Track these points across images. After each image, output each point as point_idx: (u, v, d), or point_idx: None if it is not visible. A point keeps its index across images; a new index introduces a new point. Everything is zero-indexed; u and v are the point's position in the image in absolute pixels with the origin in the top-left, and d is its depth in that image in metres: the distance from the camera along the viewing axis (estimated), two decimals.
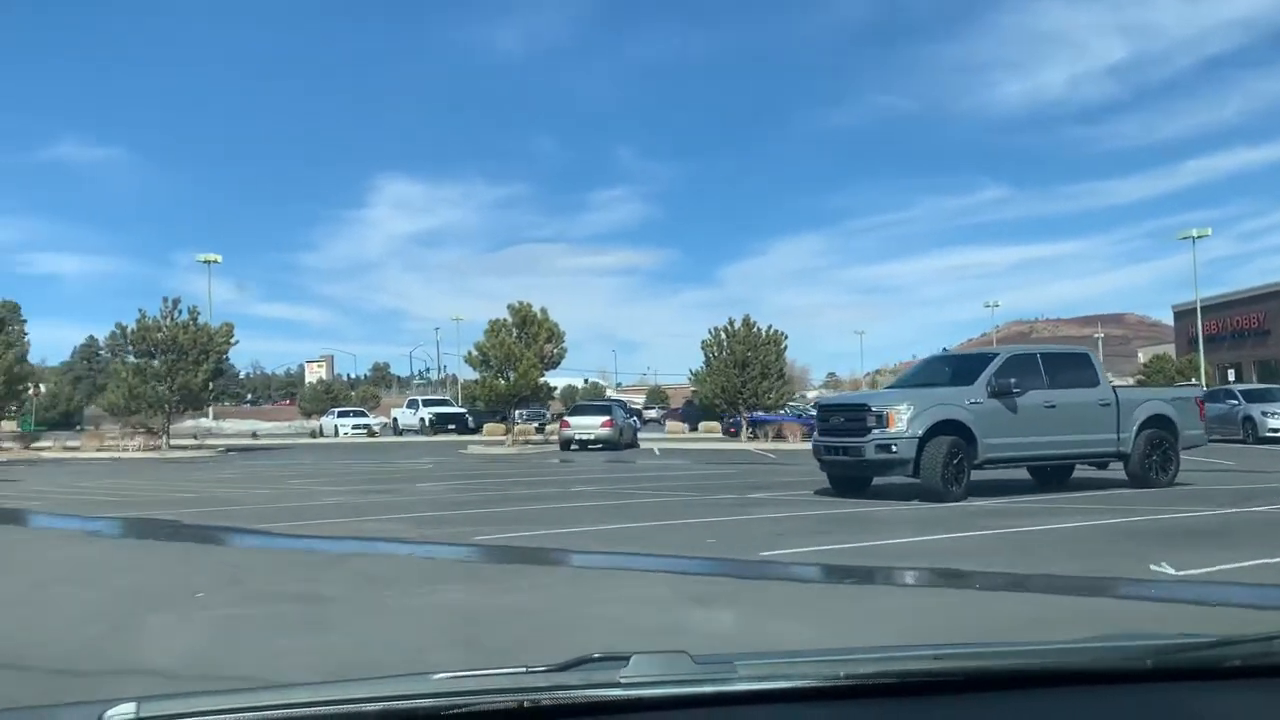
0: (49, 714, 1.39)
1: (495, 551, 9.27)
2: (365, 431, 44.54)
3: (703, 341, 35.09)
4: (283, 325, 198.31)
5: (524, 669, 1.35)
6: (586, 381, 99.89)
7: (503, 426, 45.36)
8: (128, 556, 9.30)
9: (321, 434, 45.53)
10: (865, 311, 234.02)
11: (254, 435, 46.12)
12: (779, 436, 33.25)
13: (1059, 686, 1.45)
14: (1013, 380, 13.40)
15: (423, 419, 45.30)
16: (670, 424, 46.89)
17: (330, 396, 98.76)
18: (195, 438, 40.87)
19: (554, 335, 33.04)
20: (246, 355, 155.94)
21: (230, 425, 73.51)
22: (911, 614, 6.32)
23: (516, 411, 47.14)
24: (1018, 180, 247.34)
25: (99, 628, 5.84)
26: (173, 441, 33.78)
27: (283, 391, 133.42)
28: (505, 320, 32.84)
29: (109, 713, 1.19)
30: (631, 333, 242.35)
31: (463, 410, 47.58)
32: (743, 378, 33.44)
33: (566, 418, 31.37)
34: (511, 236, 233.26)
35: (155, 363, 32.07)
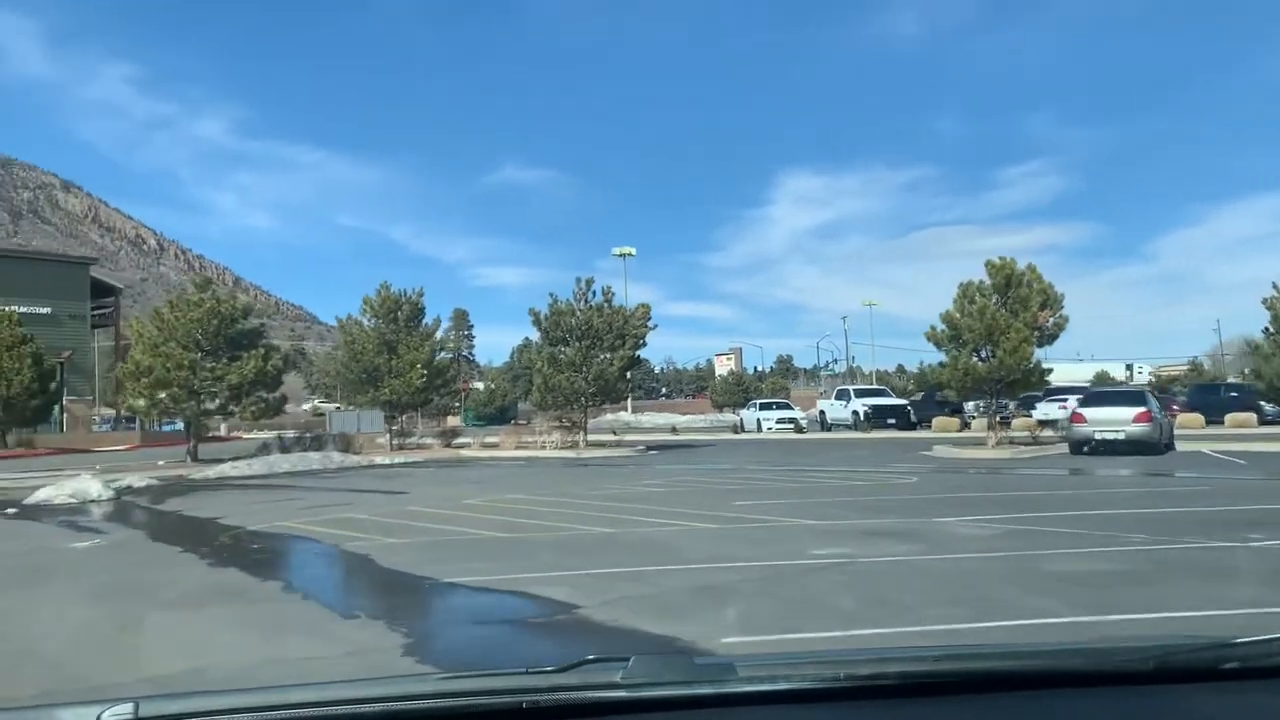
0: (49, 713, 1.25)
1: None
2: (791, 427, 38.89)
3: (1266, 299, 24.67)
4: (691, 322, 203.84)
5: (524, 670, 1.32)
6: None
7: (955, 421, 37.47)
8: None
9: (742, 429, 40.70)
10: None
11: (673, 430, 42.47)
12: None
13: (1060, 689, 1.41)
14: None
15: (856, 412, 38.65)
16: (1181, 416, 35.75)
17: (741, 389, 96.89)
18: (614, 433, 37.86)
19: (1050, 299, 24.66)
20: (660, 352, 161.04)
21: (647, 419, 72.59)
22: None
23: (972, 403, 39.04)
24: None
25: None
26: (590, 437, 30.38)
27: (693, 385, 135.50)
28: (979, 282, 25.06)
29: (106, 713, 1.16)
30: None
31: (904, 402, 40.26)
32: None
33: (1080, 409, 22.83)
34: (914, 222, 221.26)
35: (569, 350, 28.66)
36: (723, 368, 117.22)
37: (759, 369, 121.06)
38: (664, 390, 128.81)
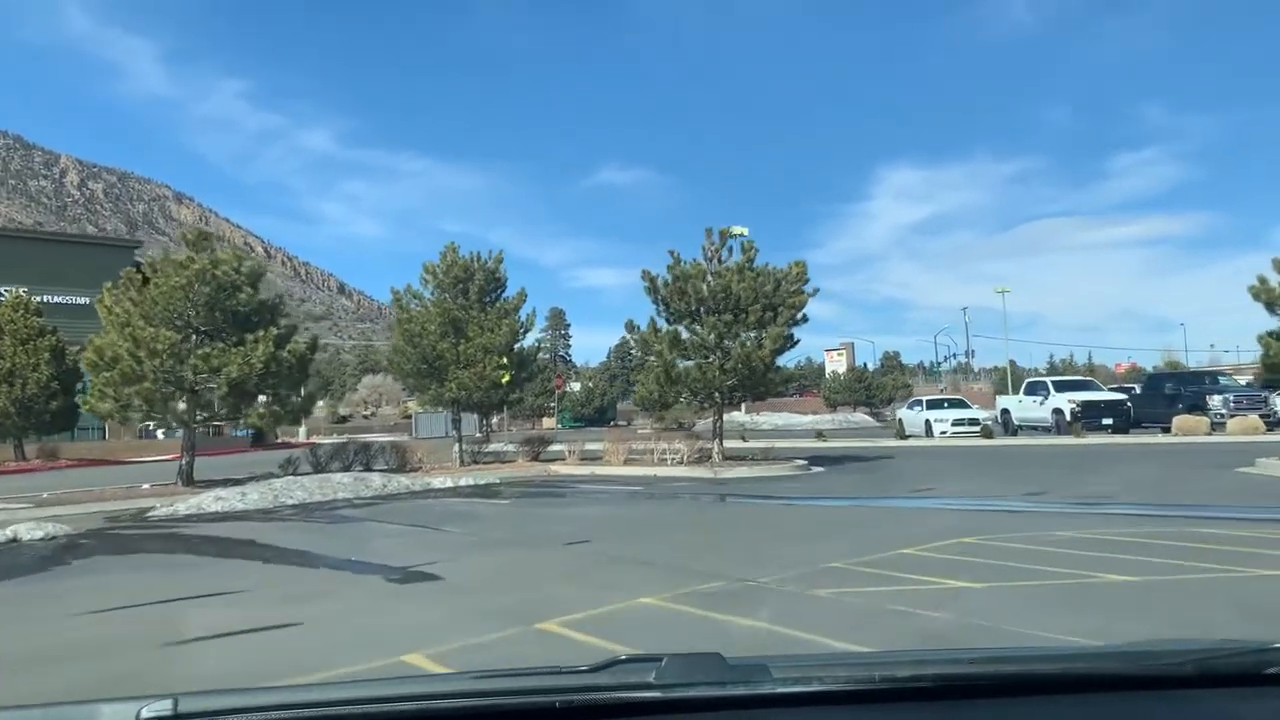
0: (90, 709, 1.23)
1: None
2: (976, 430, 30.31)
3: None
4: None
5: (558, 669, 1.31)
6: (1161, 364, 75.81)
7: (1201, 420, 28.32)
8: None
9: (905, 433, 32.25)
10: None
11: (819, 435, 34.20)
12: None
13: (1099, 692, 1.37)
14: None
15: (1059, 410, 29.81)
16: None
17: (863, 386, 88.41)
18: (743, 439, 29.89)
19: None
20: None
21: (765, 420, 64.25)
22: None
23: (1220, 398, 29.79)
24: None
25: None
26: (725, 444, 22.45)
27: (795, 384, 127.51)
28: None
29: (147, 709, 1.15)
30: (1161, 310, 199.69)
31: (1123, 397, 31.21)
32: None
33: None
34: (1020, 214, 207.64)
35: (700, 328, 20.79)
36: (833, 364, 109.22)
37: (867, 366, 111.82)
38: None
